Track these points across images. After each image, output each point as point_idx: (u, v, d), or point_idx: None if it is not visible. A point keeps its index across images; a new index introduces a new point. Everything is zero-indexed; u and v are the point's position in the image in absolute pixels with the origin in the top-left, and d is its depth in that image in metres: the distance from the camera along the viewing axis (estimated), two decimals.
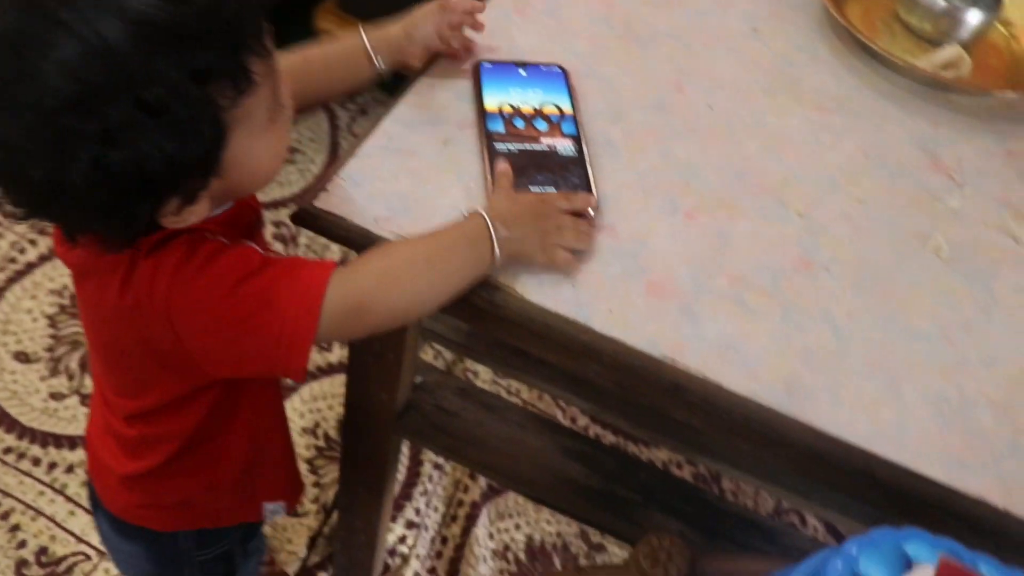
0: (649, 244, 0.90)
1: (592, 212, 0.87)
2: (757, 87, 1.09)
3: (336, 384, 1.57)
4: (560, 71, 1.00)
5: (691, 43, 1.12)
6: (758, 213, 0.95)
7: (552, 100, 0.97)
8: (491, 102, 0.95)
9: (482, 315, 0.86)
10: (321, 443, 1.52)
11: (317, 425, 1.53)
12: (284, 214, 1.82)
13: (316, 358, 1.61)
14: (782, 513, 1.57)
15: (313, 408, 1.55)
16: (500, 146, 0.91)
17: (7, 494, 1.43)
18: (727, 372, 0.82)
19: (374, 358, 1.01)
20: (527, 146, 0.91)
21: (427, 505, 1.50)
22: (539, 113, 0.95)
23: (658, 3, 1.16)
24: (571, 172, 0.90)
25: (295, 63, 0.86)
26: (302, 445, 1.50)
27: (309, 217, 0.86)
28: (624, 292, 0.85)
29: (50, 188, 0.64)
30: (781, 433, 0.81)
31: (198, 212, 0.72)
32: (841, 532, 1.57)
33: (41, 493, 1.44)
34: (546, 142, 0.92)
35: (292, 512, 1.03)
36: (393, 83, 0.99)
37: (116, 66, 0.61)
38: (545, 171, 0.90)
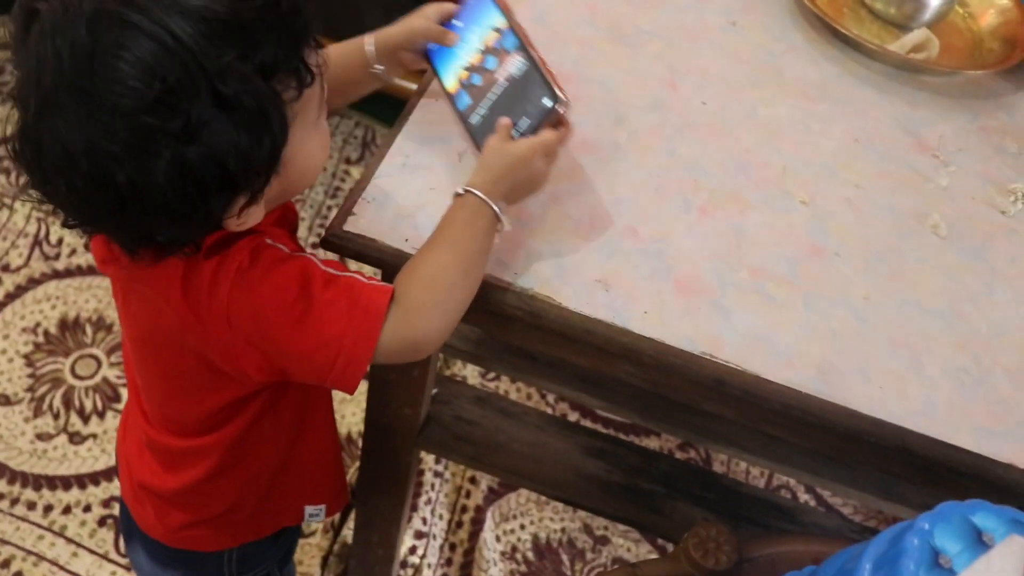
0: (670, 243, 0.92)
1: (564, 110, 0.84)
2: (744, 80, 1.12)
3: (338, 399, 1.56)
4: None
5: (675, 40, 1.15)
6: (766, 204, 0.98)
7: (489, 26, 0.91)
8: (450, 80, 0.92)
9: (516, 325, 0.87)
10: None
11: None
12: None
13: None
14: (772, 490, 1.62)
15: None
16: (474, 118, 0.89)
17: (5, 541, 1.40)
18: (763, 362, 0.85)
19: (398, 374, 1.02)
20: (491, 95, 0.88)
21: (432, 513, 1.51)
22: (485, 51, 0.90)
23: (638, 2, 1.19)
24: (531, 89, 0.85)
25: None
26: None
27: (340, 242, 0.86)
28: (655, 292, 0.87)
29: (132, 190, 0.64)
30: (819, 417, 0.84)
31: (256, 214, 0.72)
32: (835, 503, 1.62)
33: (40, 537, 1.41)
34: (501, 75, 0.88)
35: (331, 515, 1.02)
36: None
37: (191, 62, 0.62)
38: (514, 106, 0.86)
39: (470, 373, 1.64)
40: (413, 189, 0.91)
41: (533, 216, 0.91)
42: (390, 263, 0.86)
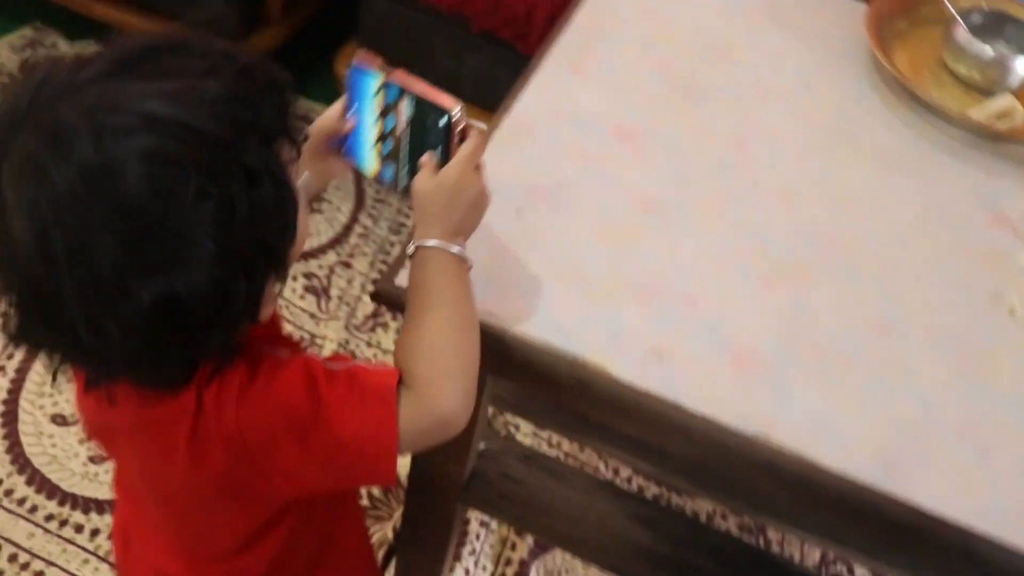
0: (729, 315, 0.89)
1: (459, 116, 0.78)
2: (815, 143, 1.09)
3: None
4: (355, 66, 0.84)
5: (746, 99, 1.12)
6: (831, 277, 0.94)
7: (372, 94, 0.83)
8: (370, 164, 0.86)
9: (567, 393, 0.85)
10: (364, 502, 1.50)
11: None
12: (314, 265, 1.80)
13: None
14: (828, 564, 1.56)
15: None
16: (403, 180, 0.83)
17: (51, 563, 1.40)
18: (819, 448, 0.81)
19: None
20: (404, 149, 0.82)
21: (476, 564, 1.48)
22: (381, 115, 0.83)
23: (711, 59, 1.16)
24: (428, 119, 0.80)
25: None
26: None
27: (390, 296, 0.84)
28: (710, 367, 0.84)
29: (182, 303, 0.61)
30: (876, 508, 0.80)
31: (273, 296, 0.70)
32: None
33: (86, 561, 1.41)
34: (401, 127, 0.81)
35: None
36: None
37: (213, 146, 0.61)
38: (423, 143, 0.80)
39: (524, 424, 1.62)
40: (468, 245, 0.89)
41: (588, 277, 0.89)
42: None
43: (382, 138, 0.84)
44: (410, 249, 0.78)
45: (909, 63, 1.23)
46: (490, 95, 1.10)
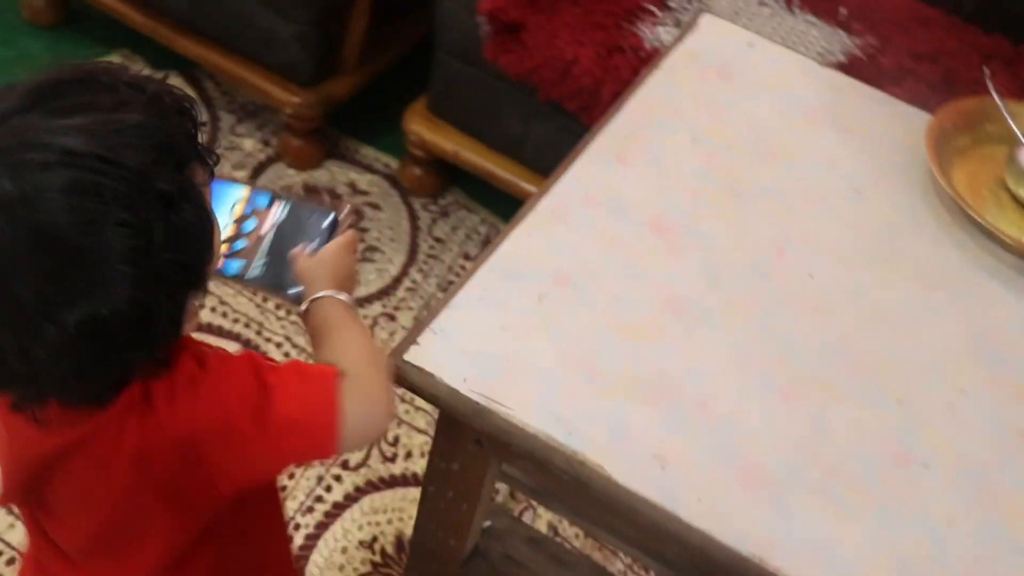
0: (742, 425, 0.87)
1: (342, 215, 0.94)
2: (859, 255, 1.06)
3: (398, 498, 1.55)
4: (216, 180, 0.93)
5: (793, 203, 1.10)
6: (855, 397, 0.92)
7: (232, 203, 0.94)
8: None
9: (565, 487, 0.83)
10: (377, 558, 1.49)
11: (375, 539, 1.50)
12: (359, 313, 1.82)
13: (379, 469, 1.59)
14: None
15: (372, 520, 1.52)
16: (253, 271, 0.91)
17: None
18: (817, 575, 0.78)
19: (448, 503, 0.99)
20: (264, 246, 0.92)
21: None
22: (238, 221, 0.93)
23: (761, 158, 1.15)
24: (304, 220, 0.93)
25: None
26: (357, 559, 1.47)
27: (398, 371, 0.84)
28: (714, 478, 0.82)
29: (92, 320, 0.64)
30: None
31: (194, 313, 0.74)
32: None
33: None
34: (267, 227, 0.92)
35: None
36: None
37: (127, 176, 0.64)
38: (294, 240, 0.91)
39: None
40: (484, 326, 0.89)
41: (600, 370, 0.88)
42: (444, 401, 0.84)
43: (234, 239, 0.92)
44: (302, 308, 0.87)
45: (968, 181, 1.20)
46: (552, 162, 1.10)
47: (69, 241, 0.62)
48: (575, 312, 0.92)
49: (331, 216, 0.93)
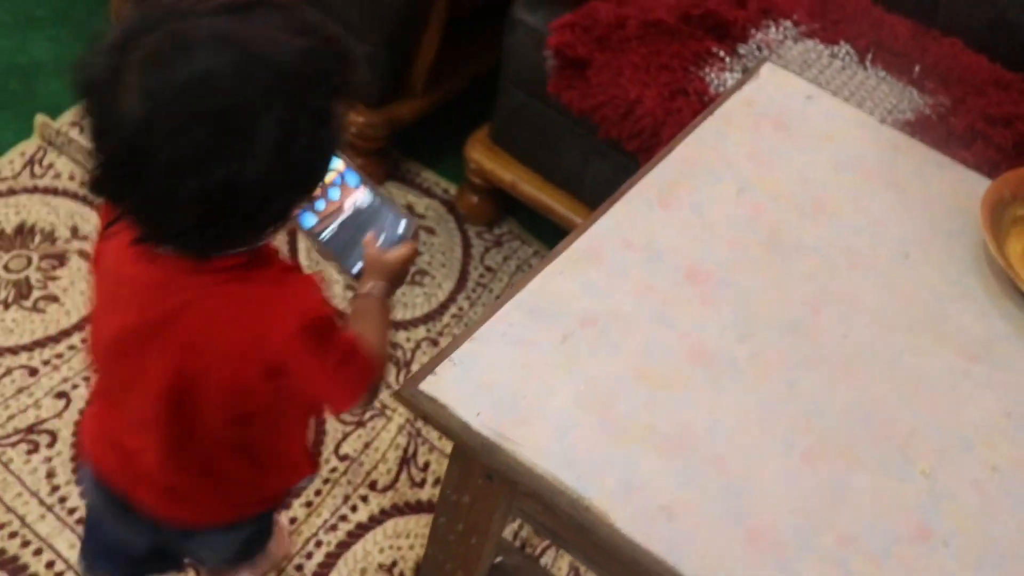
0: (757, 484, 0.85)
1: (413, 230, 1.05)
2: (899, 320, 1.04)
3: (421, 523, 1.54)
4: None
5: (836, 261, 1.08)
6: (879, 466, 0.89)
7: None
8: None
9: (569, 531, 0.82)
10: None
11: (395, 563, 1.50)
12: (402, 337, 1.82)
13: (407, 493, 1.59)
14: None
15: (394, 544, 1.52)
16: (325, 234, 1.00)
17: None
18: None
19: (457, 536, 0.99)
20: (341, 218, 1.00)
21: None
22: (326, 185, 1.00)
23: (807, 212, 1.13)
24: (382, 214, 1.02)
25: None
26: None
27: (413, 399, 0.84)
28: (721, 536, 0.81)
29: (232, 181, 0.77)
30: None
31: (292, 220, 0.88)
32: None
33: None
34: (348, 204, 1.01)
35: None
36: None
37: (297, 77, 0.79)
38: (365, 227, 1.01)
39: None
40: (504, 361, 0.89)
41: (617, 416, 0.87)
42: (455, 434, 0.84)
43: (316, 197, 1.00)
44: (364, 290, 1.01)
45: (1022, 252, 1.16)
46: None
47: (238, 115, 0.75)
48: (598, 355, 0.91)
49: (406, 223, 1.03)
